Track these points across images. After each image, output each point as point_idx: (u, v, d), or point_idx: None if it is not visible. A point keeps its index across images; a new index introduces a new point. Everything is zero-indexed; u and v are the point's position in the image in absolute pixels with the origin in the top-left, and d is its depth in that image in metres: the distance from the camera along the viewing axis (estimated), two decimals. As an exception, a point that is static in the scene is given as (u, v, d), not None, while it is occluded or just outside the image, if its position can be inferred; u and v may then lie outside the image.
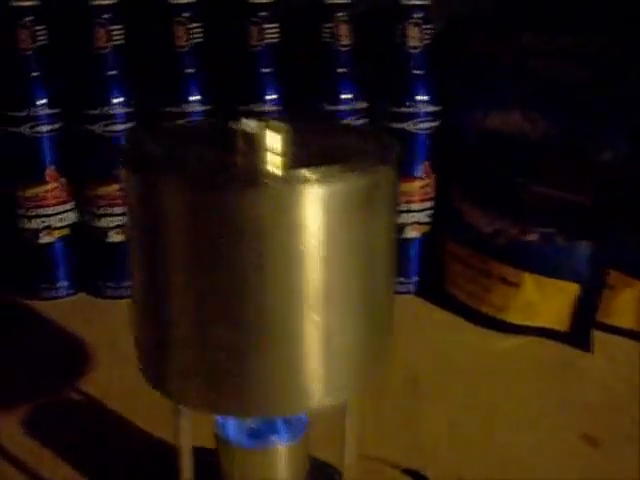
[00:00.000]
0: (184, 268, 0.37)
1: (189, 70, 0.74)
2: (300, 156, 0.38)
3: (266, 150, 0.38)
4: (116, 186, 0.75)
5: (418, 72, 0.74)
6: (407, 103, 0.74)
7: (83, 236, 0.78)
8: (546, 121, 0.69)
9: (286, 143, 0.39)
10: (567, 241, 0.69)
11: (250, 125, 0.41)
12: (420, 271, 0.80)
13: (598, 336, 0.70)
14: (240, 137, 0.39)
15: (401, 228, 0.77)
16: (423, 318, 0.77)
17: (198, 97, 0.74)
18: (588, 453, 0.57)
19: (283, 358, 0.38)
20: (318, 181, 0.35)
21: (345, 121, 0.52)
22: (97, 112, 0.73)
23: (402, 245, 0.78)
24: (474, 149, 0.74)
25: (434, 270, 0.79)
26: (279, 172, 0.36)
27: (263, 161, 0.37)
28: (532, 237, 0.70)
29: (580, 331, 0.70)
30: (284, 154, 0.38)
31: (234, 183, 0.35)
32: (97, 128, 0.73)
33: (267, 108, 0.74)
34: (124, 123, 0.74)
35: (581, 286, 0.69)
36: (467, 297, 0.75)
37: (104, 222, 0.76)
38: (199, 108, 0.74)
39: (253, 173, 0.36)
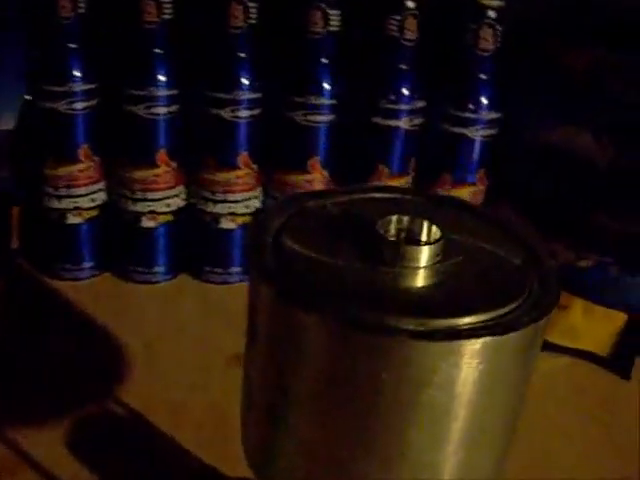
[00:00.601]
0: (321, 398, 0.35)
1: (242, 54, 0.68)
2: (454, 286, 0.36)
3: (417, 269, 0.36)
4: (154, 171, 0.70)
5: (484, 76, 0.70)
6: (470, 108, 0.70)
7: (112, 218, 0.74)
8: (616, 148, 0.66)
9: (435, 255, 0.36)
10: (622, 272, 0.68)
11: (398, 229, 0.38)
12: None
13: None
14: (387, 248, 0.36)
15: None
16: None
17: (248, 83, 0.69)
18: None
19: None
20: (480, 335, 0.32)
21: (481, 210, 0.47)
22: (140, 93, 0.67)
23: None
24: (533, 162, 0.71)
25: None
26: (441, 321, 0.33)
27: (420, 300, 0.34)
28: (587, 263, 0.69)
29: (622, 360, 0.70)
30: (437, 279, 0.36)
31: (391, 337, 0.32)
32: (138, 109, 0.67)
33: (323, 101, 0.69)
34: (168, 106, 0.68)
35: (629, 317, 0.69)
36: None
37: (139, 206, 0.72)
38: (250, 95, 0.69)
39: (413, 324, 0.32)
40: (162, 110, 0.68)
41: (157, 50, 0.67)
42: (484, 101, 0.70)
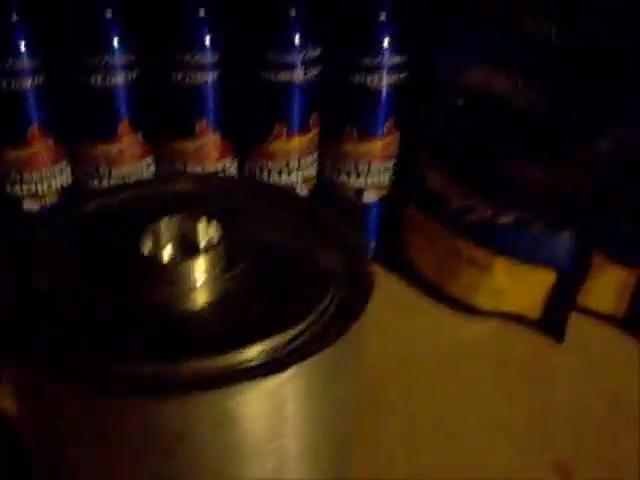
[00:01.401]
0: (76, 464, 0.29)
1: (108, 13, 0.61)
2: (232, 306, 0.29)
3: (189, 290, 0.29)
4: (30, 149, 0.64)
5: (384, 16, 0.62)
6: (369, 53, 0.63)
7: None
8: (534, 90, 0.58)
9: (212, 266, 0.30)
10: (545, 228, 0.61)
11: (170, 236, 0.31)
12: (378, 237, 0.71)
13: (573, 318, 0.64)
14: (147, 266, 0.30)
15: (359, 192, 0.68)
16: (379, 290, 0.70)
17: (118, 45, 0.61)
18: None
19: None
20: (231, 381, 0.26)
21: (288, 196, 0.38)
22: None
23: (360, 209, 0.69)
24: (448, 108, 0.64)
25: (394, 237, 0.71)
26: (197, 362, 0.26)
27: (179, 333, 0.28)
28: (506, 220, 0.62)
29: (553, 320, 0.63)
30: (213, 298, 0.29)
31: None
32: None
33: (203, 58, 0.62)
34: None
35: (558, 274, 0.62)
36: (430, 272, 0.68)
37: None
38: (122, 59, 0.62)
39: (155, 369, 0.26)
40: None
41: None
42: (385, 44, 0.62)
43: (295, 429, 0.28)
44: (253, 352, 0.27)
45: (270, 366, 0.26)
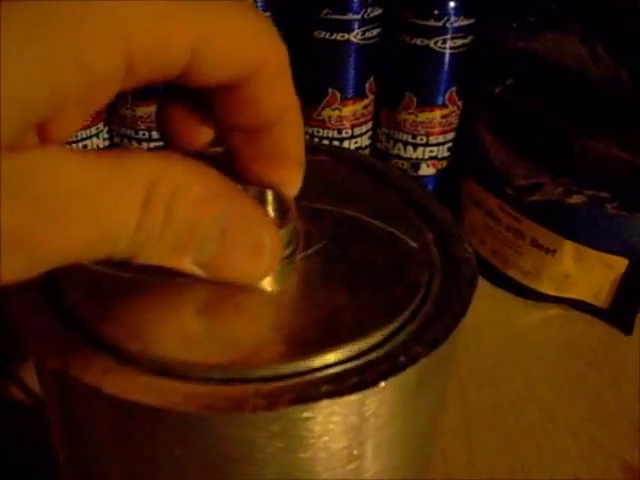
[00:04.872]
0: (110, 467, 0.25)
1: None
2: (306, 297, 0.25)
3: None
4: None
5: (450, -27, 0.57)
6: (434, 14, 0.58)
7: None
8: (615, 60, 0.53)
9: (285, 249, 0.25)
10: (621, 210, 0.56)
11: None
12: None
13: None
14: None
15: (415, 164, 0.64)
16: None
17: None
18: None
19: None
20: (353, 388, 0.22)
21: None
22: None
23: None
24: (513, 77, 0.59)
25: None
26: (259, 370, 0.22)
27: (241, 325, 0.24)
28: (578, 199, 0.57)
29: (622, 311, 0.59)
30: (282, 285, 0.25)
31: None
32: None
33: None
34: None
35: (630, 262, 0.57)
36: (488, 253, 0.63)
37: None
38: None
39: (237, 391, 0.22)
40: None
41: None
42: (451, 4, 0.57)
43: (375, 450, 0.24)
44: (332, 358, 0.22)
45: (356, 379, 0.21)
